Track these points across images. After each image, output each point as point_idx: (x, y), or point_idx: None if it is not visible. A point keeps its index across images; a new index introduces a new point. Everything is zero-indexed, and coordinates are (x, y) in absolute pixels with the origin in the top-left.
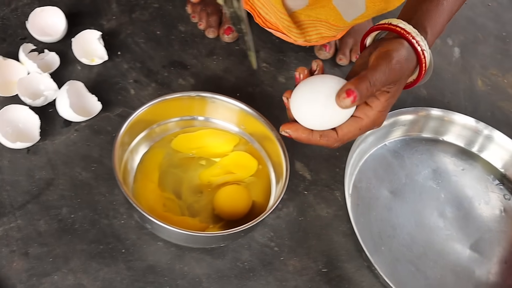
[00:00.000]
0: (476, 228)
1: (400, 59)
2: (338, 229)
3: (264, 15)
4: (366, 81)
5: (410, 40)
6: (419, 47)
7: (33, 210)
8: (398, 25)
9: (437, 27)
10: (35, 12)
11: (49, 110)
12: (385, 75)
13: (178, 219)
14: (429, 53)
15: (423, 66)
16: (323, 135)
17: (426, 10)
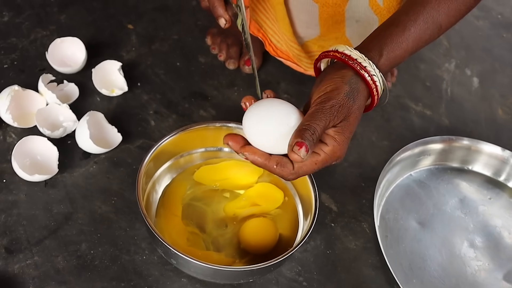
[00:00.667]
0: (508, 258)
1: (340, 100)
2: (367, 261)
3: (275, 43)
4: (307, 131)
5: (355, 68)
6: (366, 73)
7: (50, 246)
8: (343, 52)
9: (397, 52)
10: (55, 43)
11: (68, 142)
12: (323, 121)
13: (203, 253)
14: (380, 76)
15: (373, 92)
16: (280, 164)
17: (389, 34)
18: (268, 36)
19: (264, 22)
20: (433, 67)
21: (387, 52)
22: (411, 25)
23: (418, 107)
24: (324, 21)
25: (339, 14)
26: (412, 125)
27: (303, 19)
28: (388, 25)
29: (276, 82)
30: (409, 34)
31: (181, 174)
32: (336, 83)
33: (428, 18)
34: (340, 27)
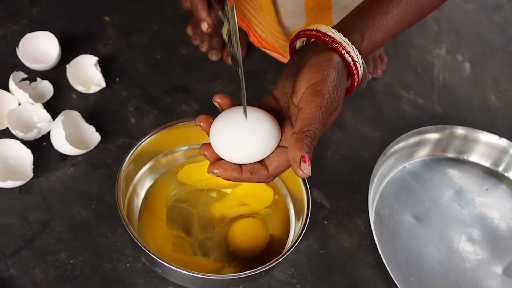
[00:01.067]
0: (507, 251)
1: (332, 92)
2: (363, 260)
3: (260, 33)
4: (308, 138)
5: (340, 51)
6: (350, 57)
7: (27, 257)
8: (326, 33)
9: (378, 35)
10: (26, 38)
11: (43, 144)
12: (322, 122)
13: (190, 259)
14: (361, 63)
15: (355, 78)
16: (253, 172)
17: (371, 15)
18: (253, 26)
19: (248, 11)
20: (424, 53)
21: (369, 35)
22: (394, 7)
23: (410, 95)
24: (310, 10)
25: (325, 1)
26: (404, 114)
27: (289, 8)
28: (369, 4)
29: (262, 73)
30: (391, 16)
31: (164, 174)
32: (325, 69)
33: (411, 1)
34: (327, 14)
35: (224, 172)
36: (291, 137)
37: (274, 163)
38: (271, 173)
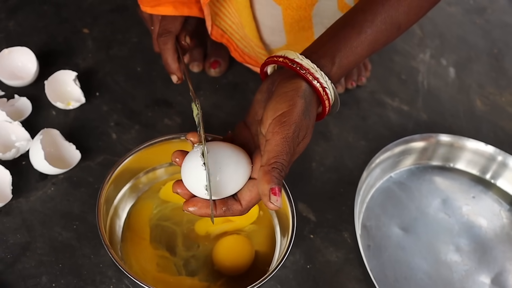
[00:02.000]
0: (495, 260)
1: (299, 122)
2: (350, 274)
3: (242, 48)
4: (275, 170)
5: (307, 78)
6: (318, 84)
7: (7, 282)
8: (294, 60)
9: (351, 57)
10: (3, 54)
11: (22, 163)
12: (290, 153)
13: (174, 280)
14: (331, 88)
15: (325, 103)
16: (227, 208)
17: (343, 37)
18: (234, 41)
19: (230, 27)
20: (408, 58)
21: (340, 59)
22: (368, 26)
23: (395, 102)
24: (290, 27)
25: (305, 20)
26: (389, 122)
27: (268, 24)
28: (342, 25)
29: (244, 83)
30: (365, 37)
31: (146, 192)
32: (291, 99)
33: (387, 18)
34: (309, 34)
35: (199, 210)
36: (259, 170)
37: (246, 197)
38: (245, 207)
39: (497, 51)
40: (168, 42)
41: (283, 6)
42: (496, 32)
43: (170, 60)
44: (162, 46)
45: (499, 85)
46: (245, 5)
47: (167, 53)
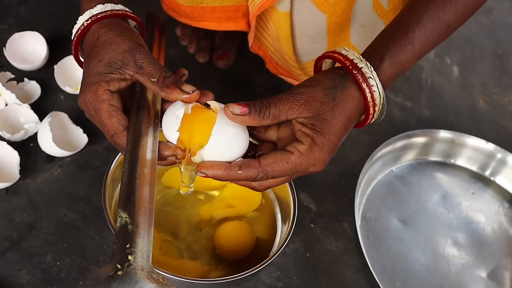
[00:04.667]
0: (491, 255)
1: (312, 91)
2: (349, 264)
3: (276, 60)
4: (258, 101)
5: (346, 65)
6: (359, 73)
7: (13, 259)
8: (339, 52)
9: (401, 56)
10: (13, 38)
11: (30, 145)
12: (283, 103)
13: (177, 262)
14: (377, 82)
15: (367, 98)
16: (243, 165)
17: (390, 37)
18: (269, 53)
19: (266, 39)
20: None
21: (390, 56)
22: (415, 26)
23: (398, 98)
24: (332, 32)
25: (346, 22)
26: (392, 117)
27: (310, 34)
28: (389, 29)
29: (251, 75)
30: (413, 36)
31: None
32: (317, 77)
33: (434, 17)
34: (345, 35)
35: (210, 169)
36: None
37: (269, 159)
38: (263, 166)
39: (501, 52)
40: (122, 142)
41: (328, 13)
42: (502, 33)
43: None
44: (122, 150)
45: (503, 85)
46: (286, 18)
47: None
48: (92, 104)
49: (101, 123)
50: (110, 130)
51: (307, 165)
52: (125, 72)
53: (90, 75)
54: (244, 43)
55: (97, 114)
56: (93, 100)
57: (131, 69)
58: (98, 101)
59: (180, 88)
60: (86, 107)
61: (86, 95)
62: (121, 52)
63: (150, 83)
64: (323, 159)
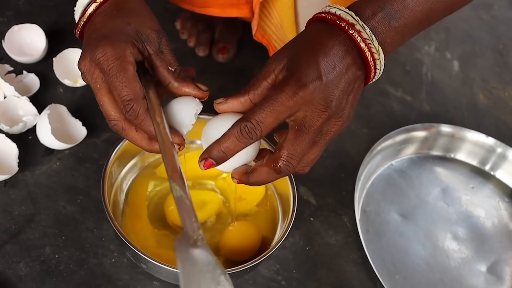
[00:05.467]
0: (491, 249)
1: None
2: (348, 257)
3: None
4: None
5: (342, 27)
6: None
7: (11, 252)
8: (329, 12)
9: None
10: (12, 31)
11: (29, 138)
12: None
13: (174, 254)
14: (367, 30)
15: (357, 41)
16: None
17: None
18: (273, 42)
19: (269, 28)
20: (413, 50)
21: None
22: None
23: (398, 92)
24: None
25: None
26: (392, 111)
27: None
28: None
29: (250, 69)
30: None
31: (144, 170)
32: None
33: None
34: None
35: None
36: None
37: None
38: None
39: (502, 47)
40: (139, 111)
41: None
42: (502, 28)
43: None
44: (134, 120)
45: (503, 80)
46: (290, 6)
47: (145, 124)
48: (117, 61)
49: (121, 83)
50: (131, 93)
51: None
52: (146, 48)
53: (116, 32)
54: (244, 37)
55: (119, 72)
56: (120, 57)
57: (153, 49)
58: (125, 61)
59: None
60: (105, 60)
61: (109, 48)
62: (149, 28)
63: (166, 70)
64: (311, 98)
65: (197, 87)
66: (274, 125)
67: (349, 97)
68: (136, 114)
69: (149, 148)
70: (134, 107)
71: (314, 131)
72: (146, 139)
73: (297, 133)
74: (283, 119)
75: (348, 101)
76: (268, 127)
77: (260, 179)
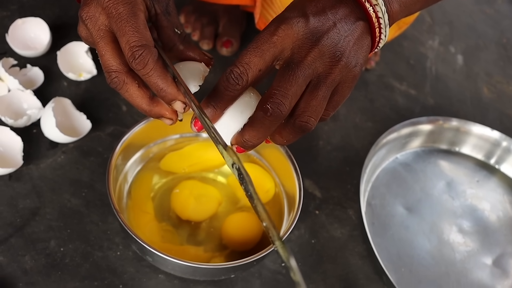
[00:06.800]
0: (496, 242)
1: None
2: (354, 250)
3: None
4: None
5: None
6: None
7: (16, 245)
8: None
9: None
10: (16, 24)
11: (33, 131)
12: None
13: (179, 249)
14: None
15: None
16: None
17: None
18: None
19: (271, 16)
20: (417, 44)
21: None
22: None
23: (403, 86)
24: None
25: None
26: (396, 105)
27: None
28: None
29: None
30: None
31: (149, 162)
32: None
33: None
34: None
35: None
36: None
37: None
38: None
39: (506, 41)
40: (148, 59)
41: None
42: (506, 23)
43: (163, 82)
44: (141, 70)
45: (507, 74)
46: None
47: (154, 75)
48: (128, 5)
49: (132, 28)
50: (143, 39)
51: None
52: (154, 7)
53: None
54: (248, 30)
55: (130, 17)
56: (130, 2)
57: (161, 8)
58: (136, 7)
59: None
60: (114, 4)
61: None
62: None
63: (172, 32)
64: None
65: (202, 53)
66: (260, 66)
67: (347, 38)
68: (146, 62)
69: (149, 108)
70: (144, 54)
71: (304, 67)
72: (147, 98)
73: (285, 69)
74: (269, 59)
75: (345, 43)
76: (254, 68)
77: (253, 131)
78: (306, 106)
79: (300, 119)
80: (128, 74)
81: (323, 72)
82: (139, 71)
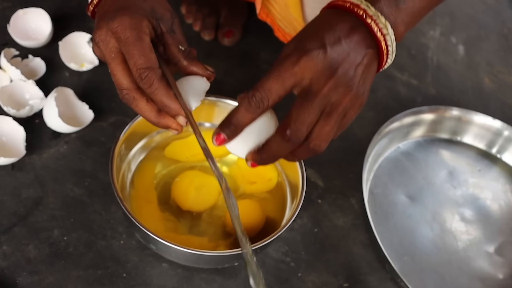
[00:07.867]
0: (498, 231)
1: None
2: (356, 239)
3: (284, 28)
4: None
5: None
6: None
7: (20, 234)
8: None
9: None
10: (17, 15)
11: (36, 121)
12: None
13: (183, 238)
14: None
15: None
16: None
17: None
18: (277, 21)
19: (273, 7)
20: (418, 34)
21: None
22: None
23: (404, 76)
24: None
25: None
26: (398, 95)
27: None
28: None
29: (256, 53)
30: None
31: (152, 151)
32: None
33: None
34: None
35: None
36: None
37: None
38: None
39: (507, 31)
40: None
41: None
42: (507, 13)
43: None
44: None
45: (508, 64)
46: None
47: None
48: (134, 30)
49: (138, 51)
50: (148, 62)
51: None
52: (160, 26)
53: (133, 6)
54: (249, 21)
55: (136, 41)
56: (136, 27)
57: (166, 27)
58: (142, 31)
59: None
60: (122, 29)
61: (126, 18)
62: (164, 7)
63: (177, 49)
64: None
65: (204, 67)
66: (280, 93)
67: (358, 68)
68: (151, 82)
69: (157, 120)
70: (150, 75)
71: (320, 97)
72: (155, 111)
73: (303, 99)
74: (289, 87)
75: (357, 72)
76: (275, 94)
77: (270, 152)
78: (320, 132)
79: (314, 142)
80: (137, 91)
81: (336, 101)
82: (146, 90)
